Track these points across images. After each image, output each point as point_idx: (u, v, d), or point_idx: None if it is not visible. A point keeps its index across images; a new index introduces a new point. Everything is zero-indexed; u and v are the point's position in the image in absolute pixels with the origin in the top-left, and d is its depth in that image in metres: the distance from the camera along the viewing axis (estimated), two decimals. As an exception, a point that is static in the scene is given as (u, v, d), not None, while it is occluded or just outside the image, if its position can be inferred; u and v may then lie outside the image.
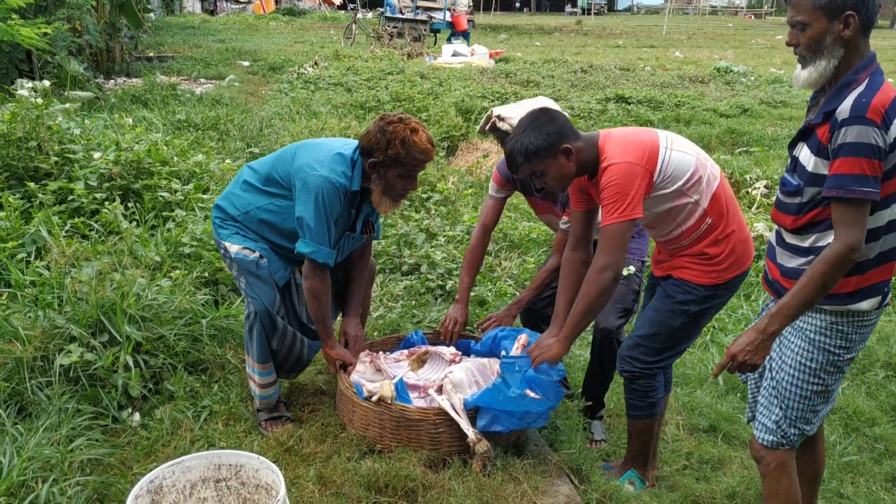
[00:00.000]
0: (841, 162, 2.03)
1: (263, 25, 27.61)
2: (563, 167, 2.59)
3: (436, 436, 2.73)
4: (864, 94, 2.03)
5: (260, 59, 15.15)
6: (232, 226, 2.99)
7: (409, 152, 2.77)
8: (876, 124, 1.99)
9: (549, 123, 2.58)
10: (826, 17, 2.06)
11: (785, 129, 9.04)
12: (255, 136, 7.47)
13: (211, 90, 11.00)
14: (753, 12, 55.65)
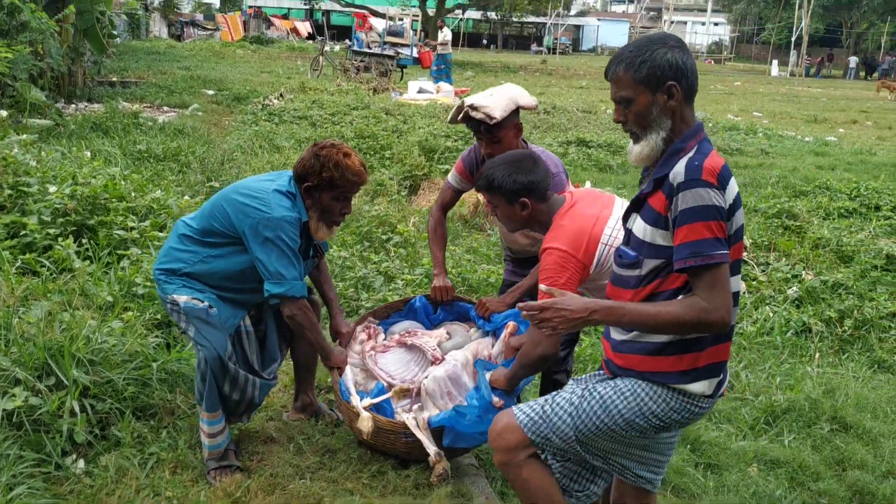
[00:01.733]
0: (688, 229, 1.96)
1: (230, 53, 27.58)
2: (515, 214, 2.66)
3: (409, 443, 2.92)
4: (695, 158, 2.01)
5: (225, 89, 15.12)
6: (177, 280, 2.96)
7: (343, 175, 2.88)
8: (713, 185, 1.96)
9: (525, 173, 2.61)
10: (648, 90, 2.04)
11: (741, 178, 9.26)
12: (216, 170, 7.43)
13: (174, 119, 10.94)
14: (713, 57, 57.19)
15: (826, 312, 5.22)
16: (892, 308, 5.31)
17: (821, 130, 15.25)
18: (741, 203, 2.10)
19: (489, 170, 2.67)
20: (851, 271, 5.85)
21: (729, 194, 2.01)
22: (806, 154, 11.37)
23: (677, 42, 2.07)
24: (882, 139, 14.26)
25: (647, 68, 2.03)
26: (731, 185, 2.04)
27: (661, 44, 2.05)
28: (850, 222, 7.22)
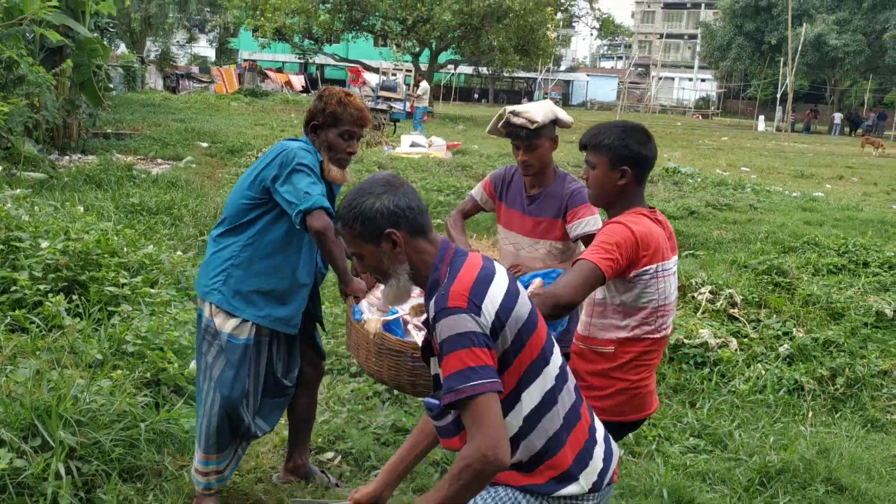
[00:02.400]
0: (445, 361, 1.85)
1: (225, 106, 27.87)
2: (611, 181, 2.58)
3: (413, 368, 2.74)
4: (442, 288, 1.93)
5: (219, 141, 15.23)
6: (226, 290, 2.97)
7: (346, 109, 3.01)
8: (463, 309, 1.86)
9: (639, 144, 2.56)
10: (370, 242, 2.01)
11: (730, 233, 9.34)
12: (208, 224, 7.44)
13: (167, 171, 11.00)
14: (701, 112, 58.18)
15: (818, 370, 5.23)
16: (884, 366, 5.33)
17: (808, 186, 15.45)
18: (517, 291, 2.01)
19: (601, 128, 2.60)
20: (842, 328, 5.88)
21: (489, 308, 1.90)
22: (794, 209, 11.49)
23: (384, 186, 2.03)
24: (868, 195, 14.45)
25: (360, 224, 2.00)
26: (491, 294, 1.93)
27: (368, 193, 2.02)
28: (839, 279, 7.26)
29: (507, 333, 1.92)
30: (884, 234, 9.53)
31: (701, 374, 5.14)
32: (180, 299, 4.65)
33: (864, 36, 45.38)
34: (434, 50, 32.92)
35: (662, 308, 2.60)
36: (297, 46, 32.86)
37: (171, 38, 43.13)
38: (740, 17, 51.14)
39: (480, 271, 1.96)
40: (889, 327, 6.16)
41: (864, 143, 28.94)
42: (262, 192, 2.94)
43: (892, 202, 13.49)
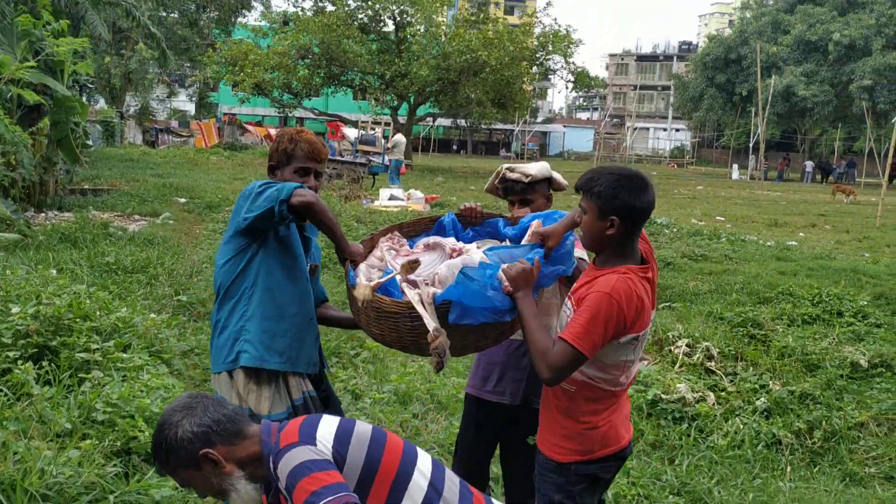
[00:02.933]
0: (299, 489, 1.89)
1: (204, 160, 27.94)
2: (599, 230, 2.53)
3: (414, 327, 2.66)
4: (274, 448, 2.01)
5: (197, 197, 15.22)
6: (241, 344, 2.93)
7: (297, 145, 3.02)
8: (295, 444, 1.97)
9: (633, 194, 2.46)
10: (191, 469, 2.08)
11: (706, 284, 9.42)
12: (184, 283, 7.41)
13: (144, 228, 10.96)
14: (676, 161, 59.16)
15: (795, 424, 5.23)
16: (860, 418, 5.35)
17: (782, 234, 15.67)
18: (352, 427, 2.08)
19: (597, 173, 2.53)
20: (818, 381, 5.91)
21: (323, 439, 1.99)
22: (768, 259, 11.62)
23: (181, 412, 2.09)
24: (840, 243, 14.67)
25: (174, 457, 2.05)
26: (322, 431, 2.02)
27: (169, 425, 2.07)
28: (813, 329, 7.32)
29: (354, 457, 1.95)
30: (856, 282, 9.65)
31: (679, 429, 5.12)
32: (154, 364, 4.59)
33: (831, 87, 46.60)
34: (412, 103, 33.39)
35: (630, 363, 2.62)
36: (276, 101, 33.18)
37: (150, 93, 43.41)
38: (711, 70, 52.44)
39: (304, 420, 2.02)
40: (864, 378, 6.20)
41: (835, 191, 29.48)
42: (241, 237, 2.92)
43: (864, 250, 13.70)
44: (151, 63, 37.07)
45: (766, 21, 50.44)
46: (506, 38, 31.35)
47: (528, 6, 62.62)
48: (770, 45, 47.64)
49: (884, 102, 43.98)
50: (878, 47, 44.22)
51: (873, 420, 5.36)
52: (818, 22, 47.05)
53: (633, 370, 2.66)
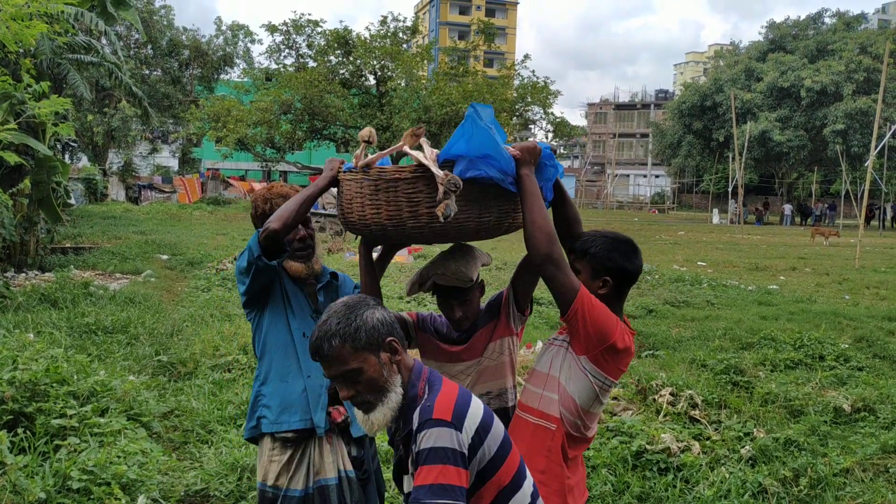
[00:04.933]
0: (420, 471, 1.86)
1: (186, 215, 27.98)
2: (592, 289, 2.59)
3: (413, 195, 2.54)
4: (427, 400, 1.97)
5: (179, 253, 15.21)
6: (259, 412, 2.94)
7: (271, 203, 2.98)
8: (447, 423, 1.90)
9: (624, 258, 2.64)
10: (372, 353, 2.02)
11: (688, 331, 9.45)
12: (165, 342, 7.35)
13: (125, 286, 10.90)
14: (657, 207, 59.79)
15: (781, 471, 5.20)
16: (845, 464, 5.33)
17: (763, 279, 15.79)
18: (492, 422, 2.03)
19: (592, 236, 2.67)
20: (802, 427, 5.90)
21: (470, 425, 1.94)
22: (750, 304, 11.70)
23: (374, 301, 2.12)
24: (820, 286, 14.80)
25: (364, 334, 2.03)
26: (473, 412, 1.97)
27: (364, 306, 2.08)
28: (796, 375, 7.34)
29: (485, 453, 1.94)
30: (837, 326, 9.72)
31: (665, 480, 5.08)
32: (132, 427, 4.52)
33: (805, 131, 47.58)
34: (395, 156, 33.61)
35: (597, 415, 2.66)
36: (259, 156, 33.38)
37: (133, 150, 43.58)
38: (688, 117, 53.44)
39: (460, 390, 2.00)
40: (847, 423, 6.20)
41: (814, 234, 29.83)
42: (249, 309, 2.99)
43: (843, 292, 13.81)
44: (134, 120, 37.32)
45: (740, 69, 51.67)
46: (485, 90, 31.85)
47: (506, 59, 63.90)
48: (744, 92, 48.72)
49: (857, 146, 44.88)
50: (849, 93, 45.32)
51: (858, 465, 5.34)
52: (790, 69, 48.25)
53: (595, 425, 2.69)
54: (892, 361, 8.22)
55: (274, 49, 35.91)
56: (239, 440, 5.03)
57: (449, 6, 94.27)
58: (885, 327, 9.77)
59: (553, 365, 2.63)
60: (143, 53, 42.10)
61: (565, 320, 2.54)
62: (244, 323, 7.93)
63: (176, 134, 44.38)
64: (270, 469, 2.85)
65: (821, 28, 53.06)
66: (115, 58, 17.22)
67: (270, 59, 36.52)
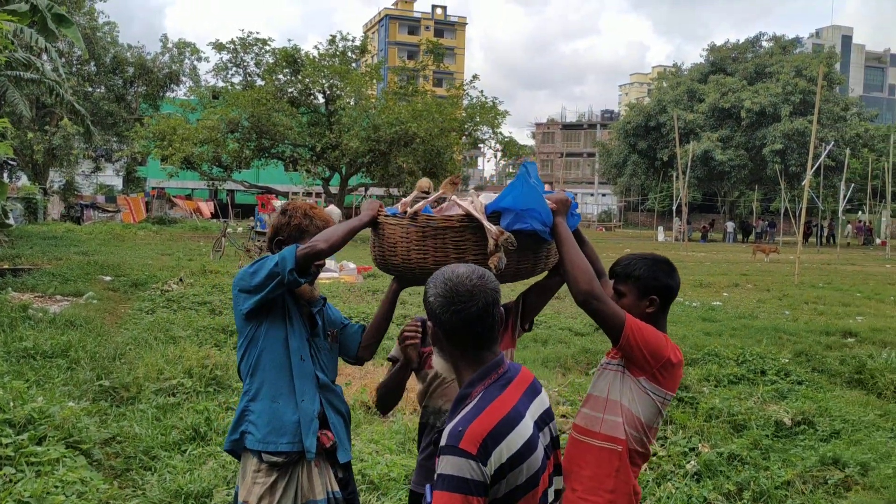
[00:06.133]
0: (437, 496, 1.87)
1: (131, 235, 27.38)
2: (639, 309, 2.76)
3: (460, 242, 2.70)
4: (462, 420, 1.93)
5: (123, 274, 14.84)
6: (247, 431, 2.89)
7: (312, 221, 2.98)
8: (471, 456, 1.86)
9: (667, 276, 2.82)
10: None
11: (635, 347, 9.59)
12: (107, 366, 7.16)
13: (66, 309, 10.60)
14: (604, 225, 60.74)
15: (725, 486, 5.31)
16: (786, 476, 5.47)
17: (707, 295, 16.13)
18: (535, 447, 2.00)
19: (633, 259, 2.82)
20: (745, 441, 6.03)
21: (500, 456, 1.90)
22: (694, 320, 11.93)
23: (435, 286, 2.12)
24: (762, 301, 15.17)
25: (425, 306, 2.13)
26: (508, 443, 1.93)
27: (433, 284, 2.12)
28: (739, 390, 7.51)
29: (509, 483, 1.92)
30: (777, 341, 9.97)
31: None
32: (71, 456, 4.39)
33: (745, 151, 48.99)
34: (344, 174, 33.57)
35: (657, 429, 2.77)
36: (205, 175, 32.90)
37: (75, 169, 42.53)
38: (633, 137, 54.55)
39: (509, 414, 1.95)
40: (788, 436, 6.37)
41: (755, 251, 30.65)
42: (246, 323, 2.91)
43: (784, 308, 14.19)
44: (76, 138, 36.48)
45: (682, 90, 53.00)
46: (434, 109, 31.97)
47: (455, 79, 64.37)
48: (687, 112, 49.98)
49: (794, 165, 46.35)
50: (786, 114, 46.84)
51: (799, 478, 5.48)
52: (730, 91, 49.68)
53: (654, 437, 2.79)
54: (829, 375, 8.47)
55: (221, 67, 35.55)
56: (184, 466, 4.93)
57: (398, 26, 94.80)
58: (822, 342, 10.06)
59: (612, 389, 2.73)
60: (85, 70, 41.22)
61: (619, 349, 2.66)
62: (189, 346, 7.80)
63: (120, 152, 43.42)
64: (253, 490, 2.83)
65: (759, 51, 54.80)
66: (55, 75, 16.84)
67: (218, 77, 36.14)
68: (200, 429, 5.59)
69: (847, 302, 15.33)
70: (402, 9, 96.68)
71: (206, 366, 6.93)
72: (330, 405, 2.99)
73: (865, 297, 16.49)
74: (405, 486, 4.92)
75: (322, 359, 3.01)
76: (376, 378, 7.14)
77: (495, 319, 2.05)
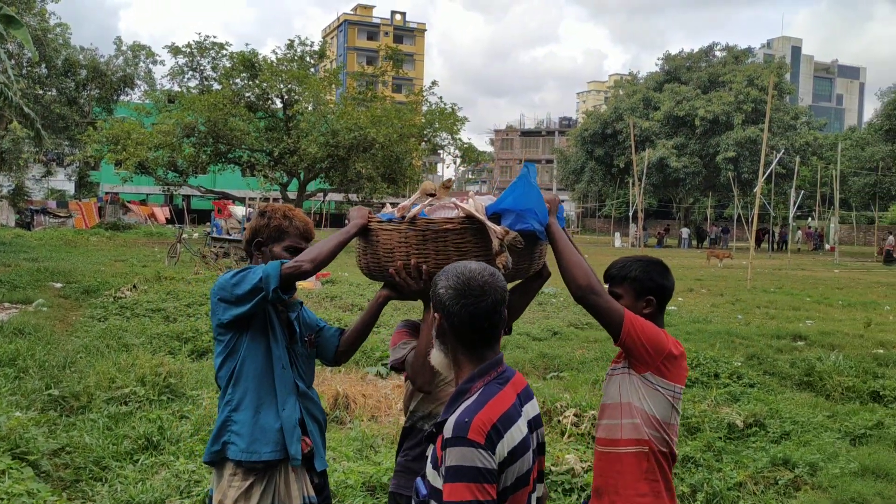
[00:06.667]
0: (450, 488, 1.90)
1: (83, 241, 26.84)
2: (637, 310, 2.78)
3: (461, 244, 2.67)
4: (466, 413, 1.97)
5: (74, 281, 14.54)
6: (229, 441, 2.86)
7: (291, 223, 2.98)
8: (479, 445, 1.91)
9: (661, 277, 2.87)
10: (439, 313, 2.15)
11: (592, 352, 9.70)
12: (56, 375, 6.99)
13: (15, 316, 10.34)
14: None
15: (679, 487, 5.38)
16: (738, 478, 5.56)
17: (662, 300, 16.35)
18: (528, 447, 2.07)
19: (627, 262, 2.86)
20: (698, 443, 6.13)
21: (503, 448, 1.96)
22: (650, 325, 12.08)
23: (446, 278, 2.14)
24: (715, 306, 15.46)
25: (433, 297, 2.15)
26: (510, 436, 1.99)
27: (444, 276, 2.13)
28: (693, 393, 7.63)
29: (507, 477, 1.96)
30: (730, 345, 10.16)
31: (570, 500, 5.18)
32: (17, 467, 4.28)
33: (699, 158, 49.88)
34: (302, 179, 33.33)
35: (675, 425, 2.78)
36: (160, 180, 32.37)
37: (25, 173, 41.50)
38: (590, 144, 55.18)
39: (511, 408, 2.02)
40: (740, 438, 6.48)
41: (709, 256, 31.21)
42: (226, 331, 2.88)
43: (737, 312, 14.47)
44: (26, 142, 35.60)
45: (638, 98, 53.79)
46: (393, 115, 31.94)
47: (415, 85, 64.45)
48: (642, 120, 50.73)
49: (747, 172, 47.32)
50: (739, 122, 47.83)
51: (751, 479, 5.58)
52: (684, 99, 50.57)
53: (675, 436, 2.80)
54: (780, 378, 8.66)
55: (177, 71, 35.04)
56: (136, 476, 4.84)
57: (357, 32, 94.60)
58: (773, 345, 10.29)
59: (622, 393, 2.75)
60: (36, 73, 40.26)
61: (620, 343, 2.69)
62: (142, 353, 7.66)
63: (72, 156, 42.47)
64: (228, 494, 2.81)
65: (712, 61, 55.87)
66: (4, 77, 16.43)
67: (173, 81, 35.62)
68: (153, 438, 5.49)
69: (797, 306, 15.70)
70: (361, 14, 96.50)
71: (159, 374, 6.81)
72: (308, 412, 2.99)
73: (815, 301, 16.91)
74: (362, 493, 4.89)
75: (300, 365, 3.01)
76: (333, 385, 7.10)
77: (501, 318, 2.10)
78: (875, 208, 49.71)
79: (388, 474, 5.04)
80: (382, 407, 6.87)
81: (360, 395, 6.94)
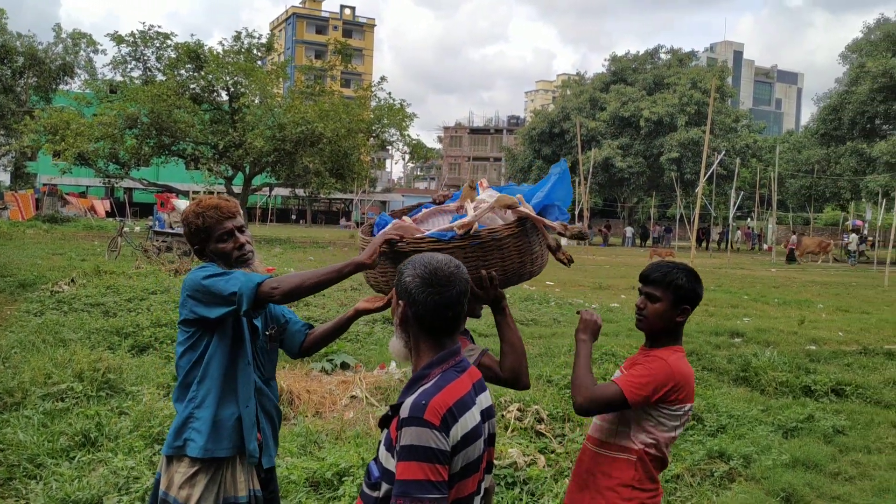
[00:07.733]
0: (403, 466, 1.95)
1: (19, 234, 26.02)
2: (669, 316, 2.84)
3: (520, 245, 2.70)
4: (423, 396, 2.02)
5: (9, 274, 14.09)
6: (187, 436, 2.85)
7: (204, 217, 2.94)
8: (435, 426, 1.96)
9: (701, 287, 2.90)
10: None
11: (536, 348, 9.80)
12: (-12, 372, 6.78)
13: (-56, 312, 9.98)
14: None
15: (618, 480, 5.50)
16: (676, 470, 5.70)
17: (606, 297, 16.64)
18: (480, 435, 2.12)
19: (670, 268, 2.83)
20: (638, 437, 6.26)
21: (457, 432, 2.01)
22: (593, 321, 12.27)
23: (413, 268, 2.15)
24: (658, 303, 15.76)
25: (398, 285, 2.19)
26: (464, 421, 2.04)
27: (411, 266, 2.16)
28: (633, 388, 7.78)
29: (458, 462, 2.02)
30: (671, 341, 10.38)
31: (512, 494, 5.24)
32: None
33: (644, 159, 50.81)
34: (248, 173, 32.87)
35: (674, 440, 2.82)
36: (101, 172, 31.54)
37: (-43, 163, 40.12)
38: (537, 142, 55.71)
39: (465, 395, 2.07)
40: (678, 432, 6.64)
41: (652, 255, 31.76)
42: (191, 325, 2.87)
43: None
44: (-42, 131, 34.37)
45: (585, 98, 54.53)
46: (341, 110, 31.71)
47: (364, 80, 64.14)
48: (589, 120, 51.44)
49: (689, 173, 48.38)
50: (682, 123, 48.88)
51: (688, 471, 5.74)
52: (630, 100, 51.44)
53: (670, 448, 2.84)
54: (718, 373, 8.89)
55: (120, 61, 34.14)
56: (72, 474, 4.74)
57: (305, 25, 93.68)
58: (712, 342, 10.55)
59: None
60: (-31, 59, 38.93)
61: (634, 408, 2.72)
62: (79, 349, 7.47)
63: (8, 146, 41.17)
64: (174, 480, 2.83)
65: (657, 63, 56.95)
66: (-65, 62, 15.81)
67: (116, 70, 34.69)
68: (91, 434, 5.38)
69: (735, 304, 16.13)
70: (310, 7, 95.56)
71: (97, 369, 6.67)
72: (262, 408, 3.00)
73: (752, 299, 17.40)
74: (305, 489, 4.88)
75: (261, 359, 3.02)
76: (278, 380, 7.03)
77: (464, 308, 2.16)
78: (811, 210, 51.33)
79: (331, 470, 5.04)
80: (327, 403, 6.84)
81: (304, 390, 6.90)
